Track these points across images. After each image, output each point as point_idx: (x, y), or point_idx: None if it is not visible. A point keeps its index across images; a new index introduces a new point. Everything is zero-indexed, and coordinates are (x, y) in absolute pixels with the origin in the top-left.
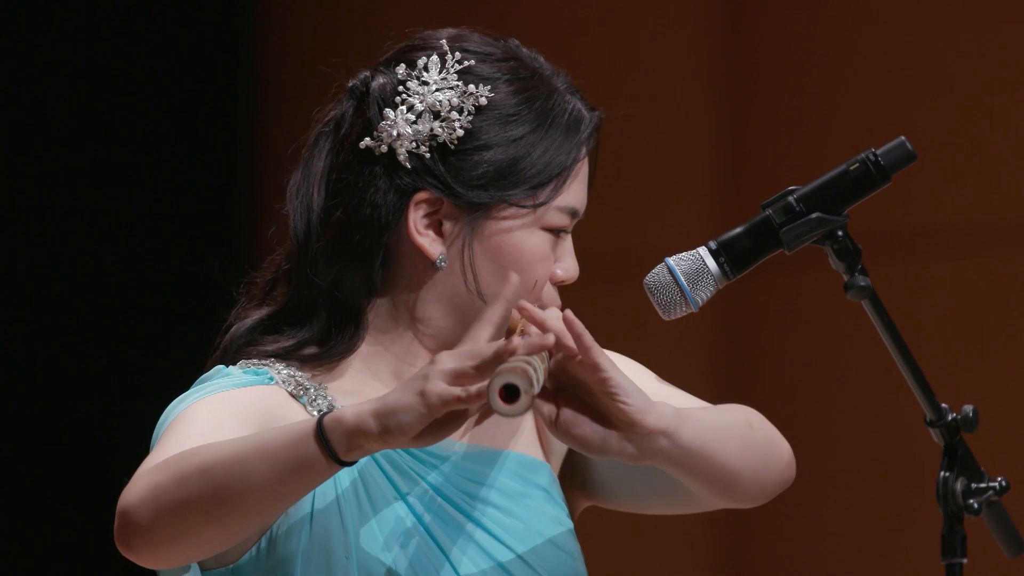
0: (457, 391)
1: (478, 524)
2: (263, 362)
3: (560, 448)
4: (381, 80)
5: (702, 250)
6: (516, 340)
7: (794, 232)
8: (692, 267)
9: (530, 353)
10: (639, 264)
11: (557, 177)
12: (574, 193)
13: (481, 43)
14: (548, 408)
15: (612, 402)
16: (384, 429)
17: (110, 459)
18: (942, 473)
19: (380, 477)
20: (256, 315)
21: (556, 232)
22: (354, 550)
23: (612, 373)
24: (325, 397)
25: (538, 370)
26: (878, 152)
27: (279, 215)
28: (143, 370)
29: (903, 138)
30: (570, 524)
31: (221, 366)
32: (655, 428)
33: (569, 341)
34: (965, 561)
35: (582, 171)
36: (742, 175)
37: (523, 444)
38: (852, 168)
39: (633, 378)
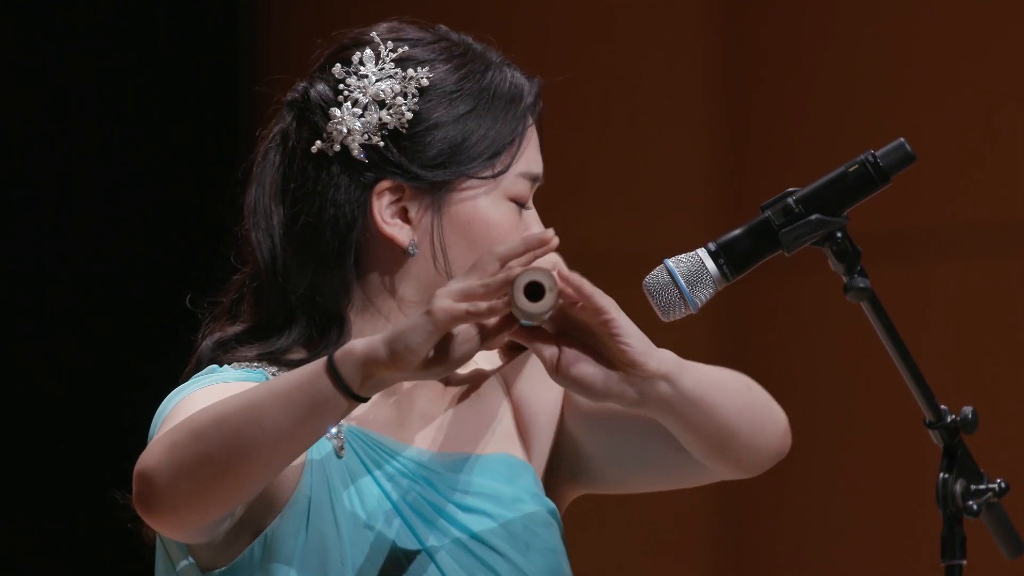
0: (464, 305)
1: (463, 528)
2: (255, 364)
3: (544, 441)
4: (319, 86)
5: (701, 251)
6: (525, 258)
7: (793, 234)
8: (691, 268)
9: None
10: (640, 267)
11: (510, 144)
12: (529, 158)
13: (411, 30)
14: (549, 351)
15: (615, 343)
16: (393, 352)
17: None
18: (941, 475)
19: (372, 484)
20: (230, 330)
21: (520, 202)
22: (349, 557)
23: (615, 314)
24: None
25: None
26: (877, 154)
27: (239, 235)
28: (147, 372)
29: (902, 139)
30: (554, 523)
31: (215, 365)
32: (656, 371)
33: (568, 291)
34: (964, 562)
35: (533, 137)
36: (743, 178)
37: (503, 445)
38: (851, 170)
39: None
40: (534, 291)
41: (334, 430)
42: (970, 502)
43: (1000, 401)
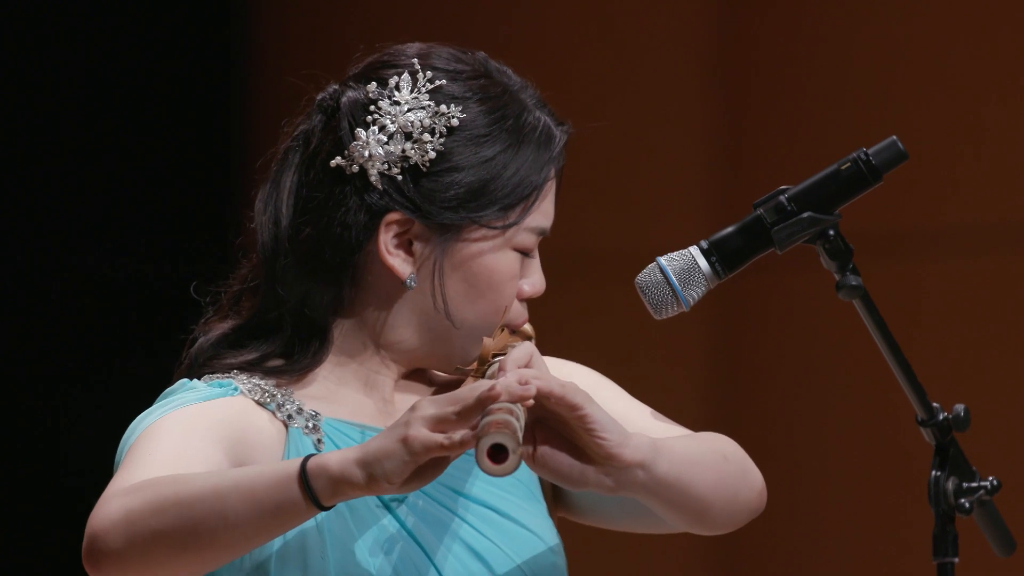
0: (440, 438)
1: (461, 519)
2: (227, 375)
3: None
4: (351, 95)
5: (693, 249)
6: (498, 387)
7: (786, 231)
8: (683, 266)
9: (512, 402)
10: (633, 265)
11: (527, 198)
12: (543, 211)
13: (450, 60)
14: (524, 445)
15: (590, 437)
16: (370, 477)
17: (75, 464)
18: (933, 472)
19: None
20: (221, 328)
21: (524, 252)
22: (329, 550)
23: (589, 409)
24: (293, 402)
25: (520, 417)
26: (870, 152)
27: (246, 227)
28: (123, 375)
29: (894, 137)
30: (550, 519)
31: (185, 380)
32: (632, 461)
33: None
34: (956, 560)
35: (551, 189)
36: (737, 177)
37: None
38: (843, 168)
39: (597, 394)
40: (497, 452)
41: (311, 424)
42: (962, 500)
43: (995, 399)
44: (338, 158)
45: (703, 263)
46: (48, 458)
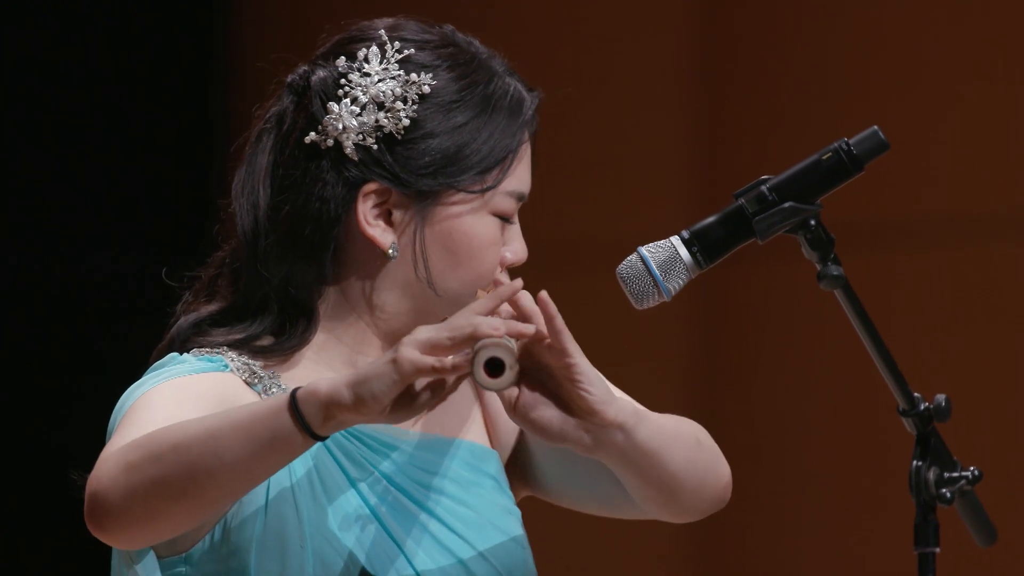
0: (431, 360)
1: (431, 513)
2: (216, 350)
3: (507, 438)
4: (321, 73)
5: (675, 239)
6: (495, 321)
7: (767, 221)
8: (665, 256)
9: (510, 336)
10: (614, 255)
11: (503, 161)
12: (519, 176)
13: (418, 31)
14: (509, 391)
15: (575, 389)
16: (357, 398)
17: (64, 454)
18: (915, 462)
19: (333, 467)
20: (205, 309)
21: (504, 217)
22: (308, 539)
23: (578, 360)
24: (279, 386)
25: (513, 345)
26: (851, 142)
27: (224, 212)
28: (103, 359)
29: (876, 127)
30: (518, 512)
31: (175, 353)
32: (614, 420)
33: (540, 323)
34: (938, 550)
35: (526, 153)
36: (718, 166)
37: (472, 432)
38: (825, 157)
39: None
40: (494, 366)
41: None
42: (943, 490)
43: (971, 389)
44: (312, 134)
45: (684, 253)
46: (45, 454)
